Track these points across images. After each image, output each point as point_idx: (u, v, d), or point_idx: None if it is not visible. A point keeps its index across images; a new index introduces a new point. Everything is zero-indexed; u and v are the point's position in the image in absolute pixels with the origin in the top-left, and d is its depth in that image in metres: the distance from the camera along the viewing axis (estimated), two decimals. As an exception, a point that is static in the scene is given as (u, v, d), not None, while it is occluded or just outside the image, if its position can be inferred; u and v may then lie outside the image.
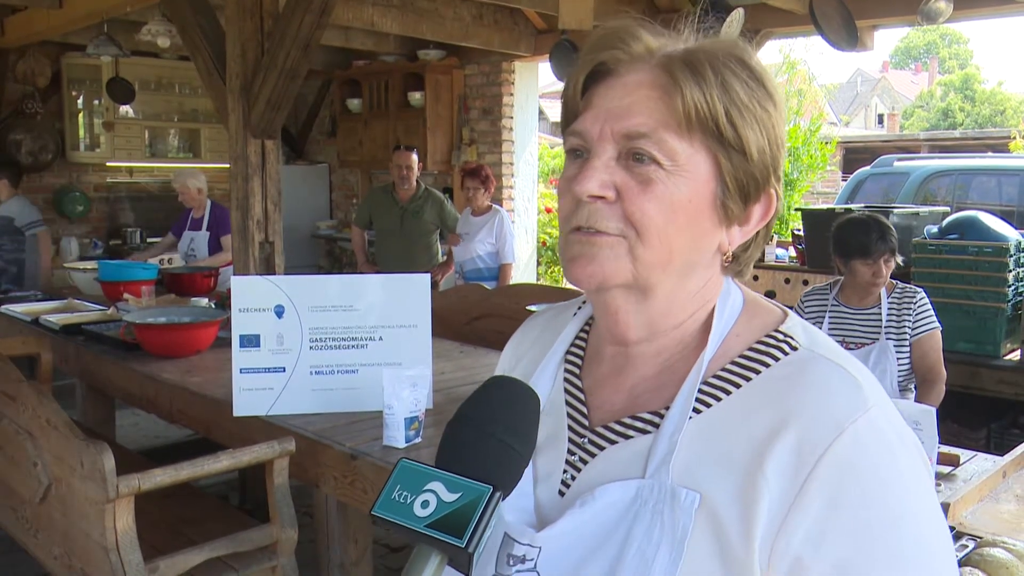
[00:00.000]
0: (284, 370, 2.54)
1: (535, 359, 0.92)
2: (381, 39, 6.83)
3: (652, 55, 0.76)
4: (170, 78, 7.65)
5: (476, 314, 4.19)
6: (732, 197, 0.76)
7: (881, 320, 3.01)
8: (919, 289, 3.09)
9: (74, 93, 7.36)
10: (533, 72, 7.10)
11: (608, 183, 0.75)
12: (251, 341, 2.51)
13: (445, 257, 5.53)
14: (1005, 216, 5.02)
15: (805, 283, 4.99)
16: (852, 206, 5.99)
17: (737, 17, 4.48)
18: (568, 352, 0.90)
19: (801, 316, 3.21)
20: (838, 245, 3.09)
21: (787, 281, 5.09)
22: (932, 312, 3.05)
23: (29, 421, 2.25)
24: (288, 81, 3.58)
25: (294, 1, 3.47)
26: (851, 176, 7.83)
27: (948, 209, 5.61)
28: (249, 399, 2.52)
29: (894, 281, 3.09)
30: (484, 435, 0.69)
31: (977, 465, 2.21)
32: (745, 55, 0.77)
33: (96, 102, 7.39)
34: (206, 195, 5.47)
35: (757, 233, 0.81)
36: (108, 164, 7.62)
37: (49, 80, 7.12)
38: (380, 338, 2.59)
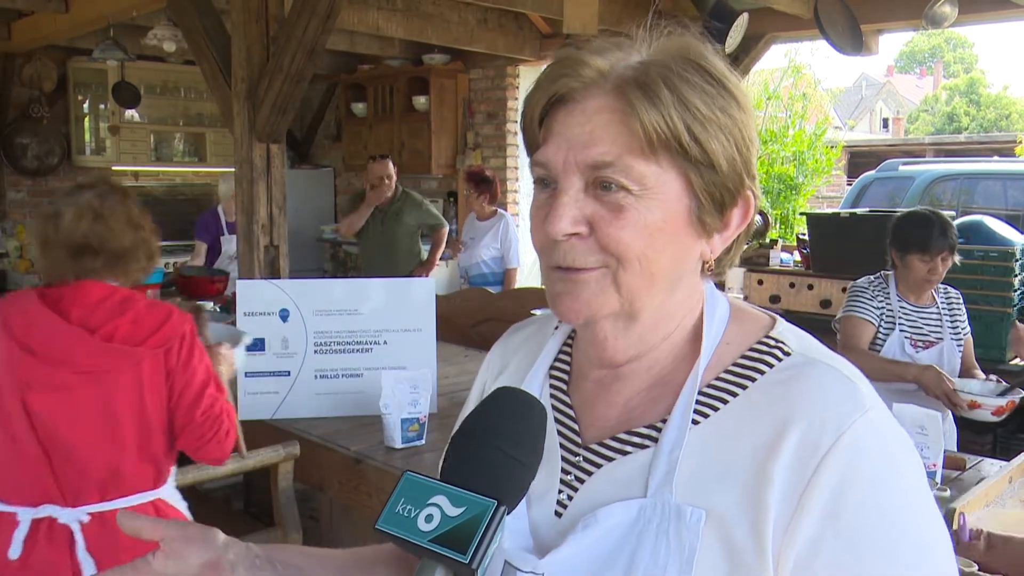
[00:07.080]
0: (289, 374, 2.55)
1: (518, 372, 0.90)
2: (386, 43, 6.84)
3: (605, 78, 0.74)
4: (175, 82, 7.67)
5: (480, 318, 4.19)
6: (707, 210, 0.75)
7: (941, 320, 2.91)
8: (952, 288, 3.01)
9: (80, 97, 7.38)
10: (538, 76, 7.10)
11: (580, 218, 0.73)
12: (256, 345, 2.51)
13: (427, 255, 5.48)
14: (1011, 220, 5.01)
15: (810, 287, 4.97)
16: (858, 210, 5.98)
17: (741, 22, 4.47)
18: (552, 367, 0.88)
19: (870, 308, 3.00)
20: (896, 238, 2.95)
21: (792, 285, 5.07)
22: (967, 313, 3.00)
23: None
24: (293, 85, 3.59)
25: (300, 5, 3.48)
26: (856, 180, 7.84)
27: (954, 213, 5.55)
28: (254, 403, 2.52)
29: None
30: (488, 448, 0.68)
31: (982, 470, 2.20)
32: (702, 59, 0.74)
33: (102, 106, 7.41)
34: None
35: (738, 235, 0.80)
36: (114, 168, 7.63)
37: (55, 84, 7.15)
38: (385, 342, 2.60)
